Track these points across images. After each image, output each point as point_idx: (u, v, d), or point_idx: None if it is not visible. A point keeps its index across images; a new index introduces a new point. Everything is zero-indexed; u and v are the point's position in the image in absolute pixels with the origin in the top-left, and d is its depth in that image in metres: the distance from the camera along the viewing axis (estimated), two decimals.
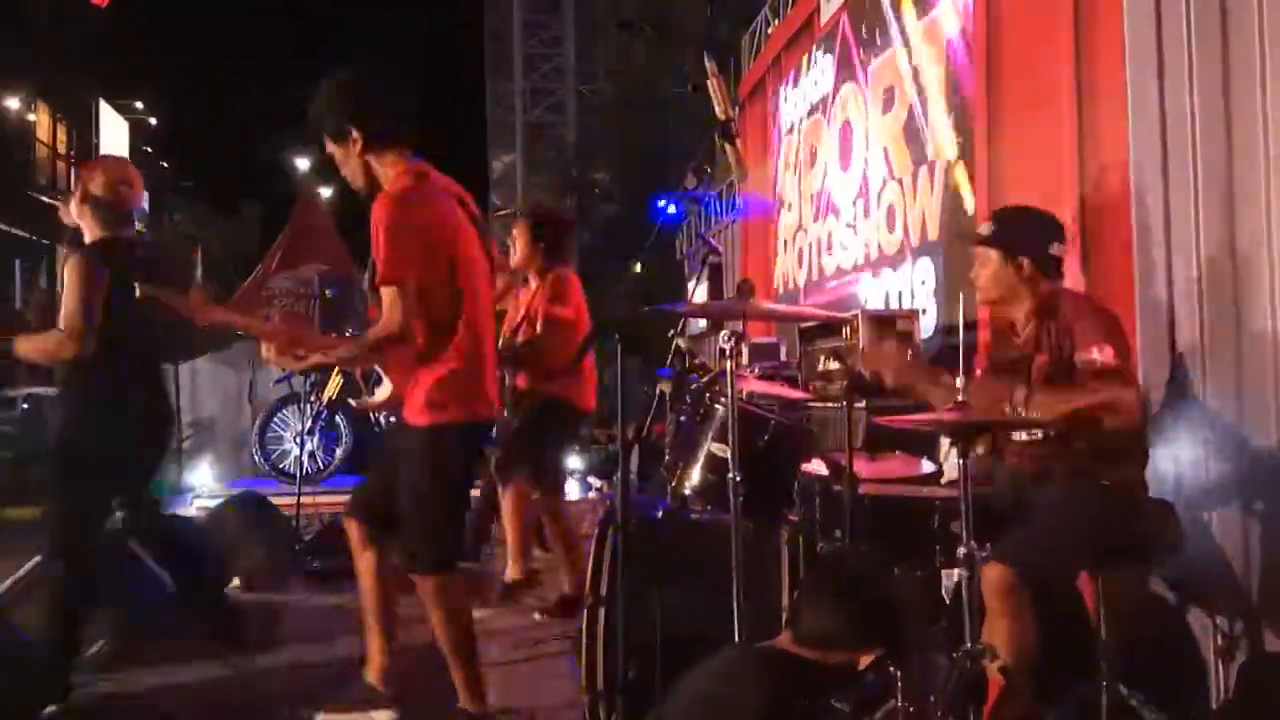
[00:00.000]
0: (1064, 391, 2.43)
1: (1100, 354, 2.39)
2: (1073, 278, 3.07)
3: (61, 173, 27.32)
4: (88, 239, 3.27)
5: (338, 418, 7.35)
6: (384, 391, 3.11)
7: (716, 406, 2.77)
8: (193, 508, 6.44)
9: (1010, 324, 2.77)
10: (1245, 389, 2.77)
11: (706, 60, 2.86)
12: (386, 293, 2.63)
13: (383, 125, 2.75)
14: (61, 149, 27.16)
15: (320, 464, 7.46)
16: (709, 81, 2.77)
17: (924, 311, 4.83)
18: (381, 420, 6.69)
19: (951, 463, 2.56)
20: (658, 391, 3.43)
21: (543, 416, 4.10)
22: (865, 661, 1.94)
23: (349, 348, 3.01)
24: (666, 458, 3.03)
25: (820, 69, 6.85)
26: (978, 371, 2.84)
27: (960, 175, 4.65)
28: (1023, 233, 2.65)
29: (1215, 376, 2.85)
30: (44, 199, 17.69)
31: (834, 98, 6.55)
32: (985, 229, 2.73)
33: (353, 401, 3.22)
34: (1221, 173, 2.83)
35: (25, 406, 13.36)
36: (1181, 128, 2.93)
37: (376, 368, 3.14)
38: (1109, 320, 2.54)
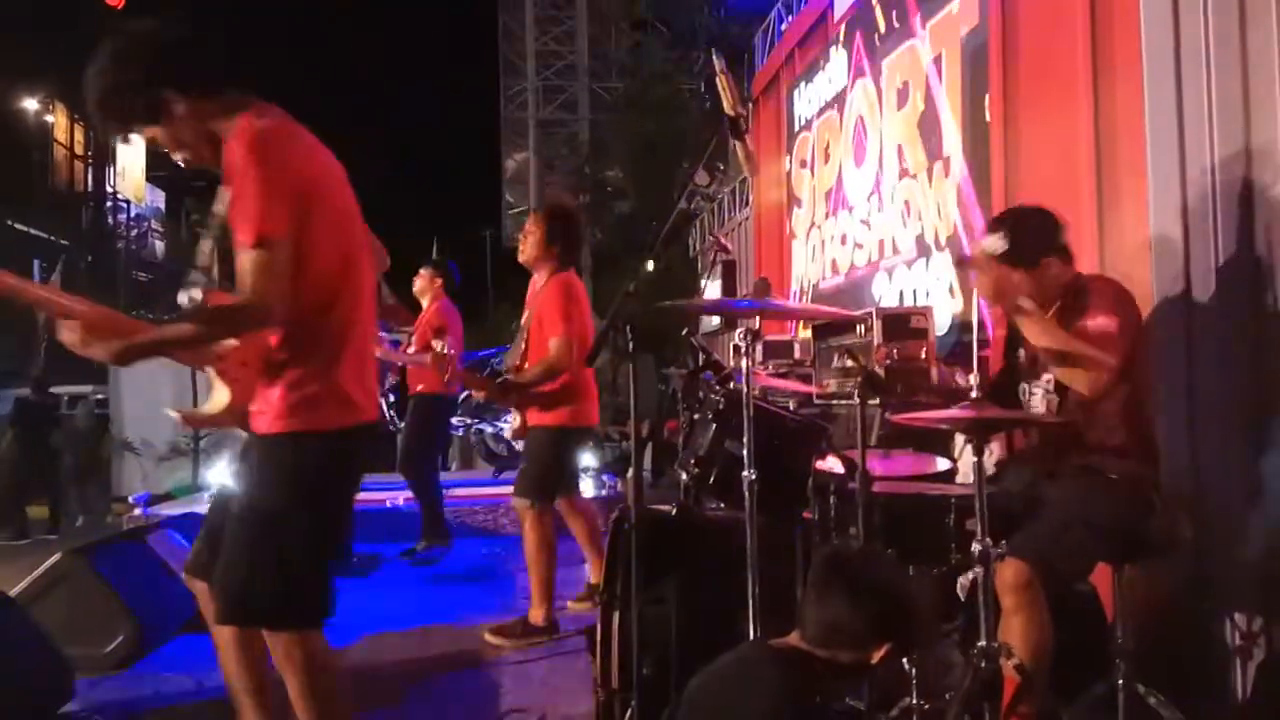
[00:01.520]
0: (1060, 330, 2.49)
1: (1104, 321, 2.47)
2: (1090, 266, 3.06)
3: (80, 173, 27.51)
4: None
5: None
6: (220, 399, 2.31)
7: (730, 403, 2.77)
8: (210, 505, 6.47)
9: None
10: (1264, 384, 2.75)
11: (715, 58, 2.86)
12: (252, 256, 2.02)
13: (203, 71, 2.18)
14: (79, 150, 27.33)
15: None
16: (718, 78, 2.76)
17: (939, 308, 4.81)
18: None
19: (966, 460, 2.55)
20: (670, 388, 3.42)
21: (552, 448, 4.10)
22: (877, 657, 1.93)
23: (181, 332, 2.22)
24: (680, 454, 3.03)
25: (834, 65, 6.83)
26: (993, 370, 2.83)
27: (977, 165, 4.62)
28: (1035, 236, 2.63)
29: (1234, 372, 2.82)
30: None
31: (848, 94, 6.52)
32: (996, 245, 2.62)
33: (173, 414, 2.42)
34: (1239, 169, 2.81)
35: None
36: (1199, 123, 2.91)
37: (209, 368, 2.31)
38: (1120, 295, 2.57)
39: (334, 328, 2.21)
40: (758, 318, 2.59)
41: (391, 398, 7.01)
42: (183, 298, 2.33)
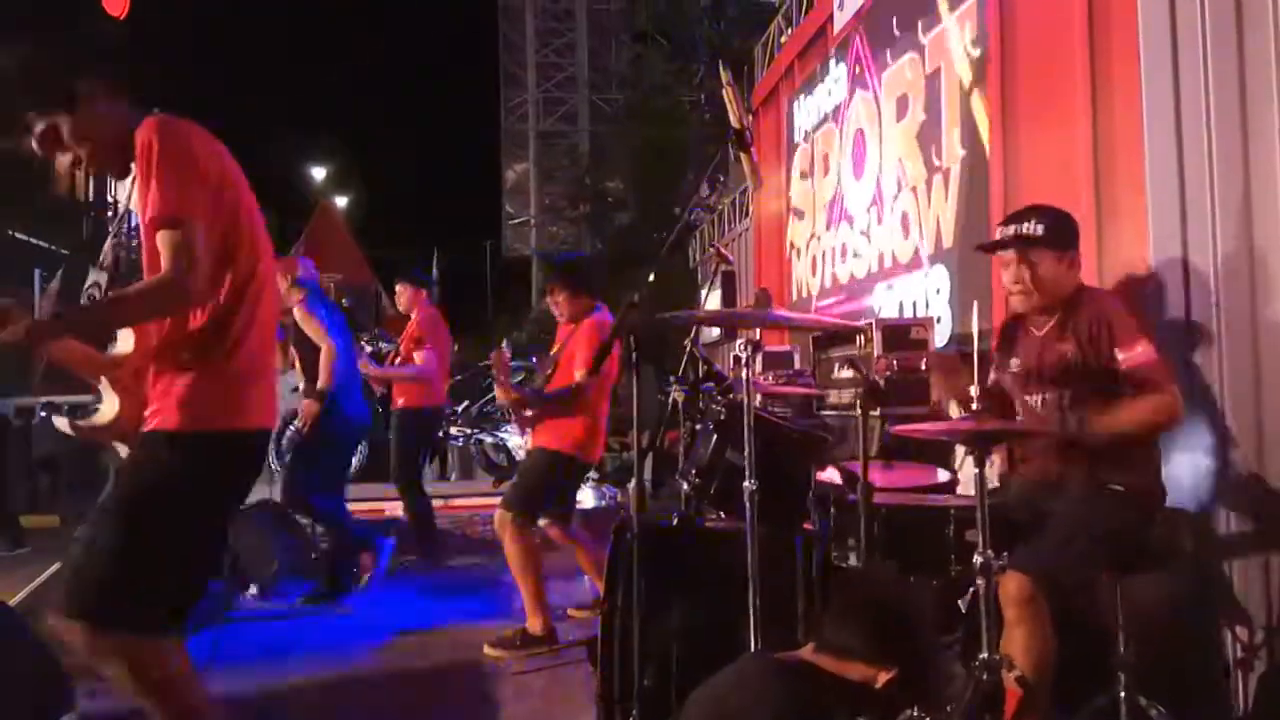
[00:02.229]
0: (1112, 410, 2.48)
1: (1143, 350, 2.46)
2: (1089, 280, 3.07)
3: (80, 182, 27.52)
4: None
5: None
6: (109, 410, 2.23)
7: (731, 414, 2.77)
8: None
9: (1016, 331, 2.76)
10: (1263, 393, 2.75)
11: (721, 70, 2.86)
12: (166, 236, 1.98)
13: (115, 66, 2.21)
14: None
15: None
16: (724, 90, 2.77)
17: (939, 319, 4.82)
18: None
19: (967, 472, 2.55)
20: (671, 399, 3.43)
21: (548, 471, 4.15)
22: (884, 680, 1.94)
23: (101, 311, 2.21)
24: (681, 465, 3.03)
25: (833, 77, 6.86)
26: (991, 377, 2.83)
27: (976, 177, 4.64)
28: (1067, 226, 2.67)
29: (1232, 380, 2.83)
30: None
31: (847, 106, 6.55)
32: (1033, 229, 2.65)
33: (62, 424, 2.34)
34: (1238, 172, 2.82)
35: (43, 414, 13.46)
36: (1197, 127, 2.92)
37: (102, 379, 2.25)
38: (1132, 313, 2.59)
39: (237, 326, 2.14)
40: (758, 329, 2.60)
41: (379, 409, 7.02)
42: (84, 298, 2.28)
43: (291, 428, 5.39)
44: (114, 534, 2.03)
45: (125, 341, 2.22)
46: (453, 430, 7.71)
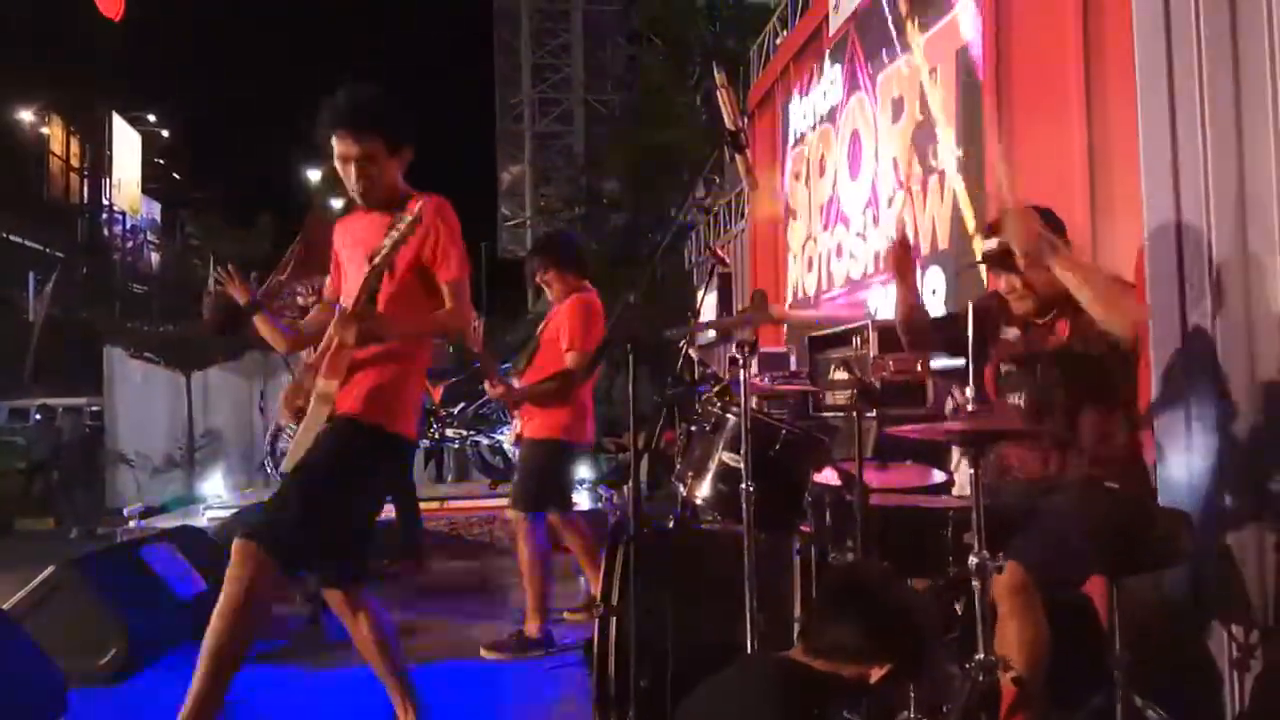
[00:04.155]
0: (1094, 266, 2.48)
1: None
2: None
3: (75, 185, 27.49)
4: None
5: None
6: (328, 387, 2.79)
7: (728, 416, 2.77)
8: (204, 518, 6.46)
9: (1012, 318, 2.75)
10: (1259, 396, 2.75)
11: (716, 71, 2.86)
12: (454, 286, 2.71)
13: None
14: (75, 162, 27.32)
15: None
16: (719, 92, 2.77)
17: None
18: None
19: (963, 473, 2.55)
20: (667, 400, 3.42)
21: (545, 461, 4.14)
22: (877, 675, 1.93)
23: (421, 323, 2.80)
24: (677, 467, 3.03)
25: (829, 79, 6.86)
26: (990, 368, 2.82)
27: (961, 190, 4.64)
28: (1051, 226, 2.64)
29: (1228, 383, 2.83)
30: None
31: (843, 107, 6.55)
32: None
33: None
34: (1233, 176, 2.82)
35: (38, 417, 13.45)
36: (1192, 131, 2.92)
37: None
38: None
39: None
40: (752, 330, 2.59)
41: None
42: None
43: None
44: (305, 490, 2.56)
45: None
46: (449, 432, 7.69)
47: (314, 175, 23.51)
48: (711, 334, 5.77)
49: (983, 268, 3.04)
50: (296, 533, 2.50)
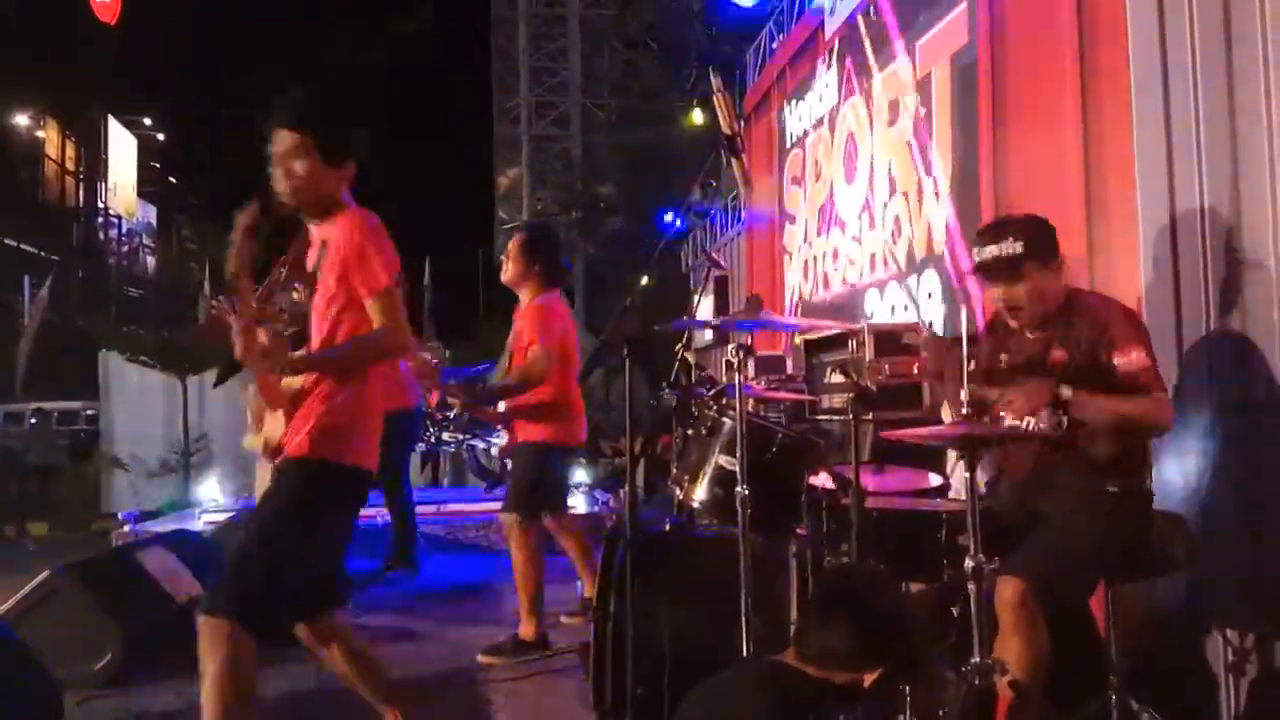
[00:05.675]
0: (1106, 396, 2.45)
1: (1137, 356, 2.45)
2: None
3: (70, 189, 27.44)
4: None
5: None
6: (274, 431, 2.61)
7: (724, 419, 2.77)
8: (200, 522, 6.44)
9: (1007, 326, 2.74)
10: (1254, 401, 2.76)
11: (712, 76, 2.87)
12: (381, 301, 2.47)
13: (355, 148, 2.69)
14: (70, 165, 27.28)
15: None
16: (715, 97, 2.78)
17: (930, 324, 4.83)
18: None
19: (959, 476, 2.55)
20: (663, 404, 3.42)
21: (538, 464, 4.13)
22: (871, 680, 1.93)
23: (341, 353, 2.60)
24: (673, 471, 3.03)
25: (825, 83, 6.87)
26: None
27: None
28: (1045, 234, 2.62)
29: (1222, 388, 2.84)
30: None
31: (839, 112, 6.57)
32: (1012, 248, 2.57)
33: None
34: (1227, 181, 2.83)
35: (33, 421, 13.43)
36: (1187, 138, 2.93)
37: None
38: (1135, 319, 2.58)
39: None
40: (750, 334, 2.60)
41: None
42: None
43: None
44: (258, 543, 2.45)
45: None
46: (445, 436, 7.68)
47: None
48: (709, 337, 5.76)
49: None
50: (263, 599, 2.39)
